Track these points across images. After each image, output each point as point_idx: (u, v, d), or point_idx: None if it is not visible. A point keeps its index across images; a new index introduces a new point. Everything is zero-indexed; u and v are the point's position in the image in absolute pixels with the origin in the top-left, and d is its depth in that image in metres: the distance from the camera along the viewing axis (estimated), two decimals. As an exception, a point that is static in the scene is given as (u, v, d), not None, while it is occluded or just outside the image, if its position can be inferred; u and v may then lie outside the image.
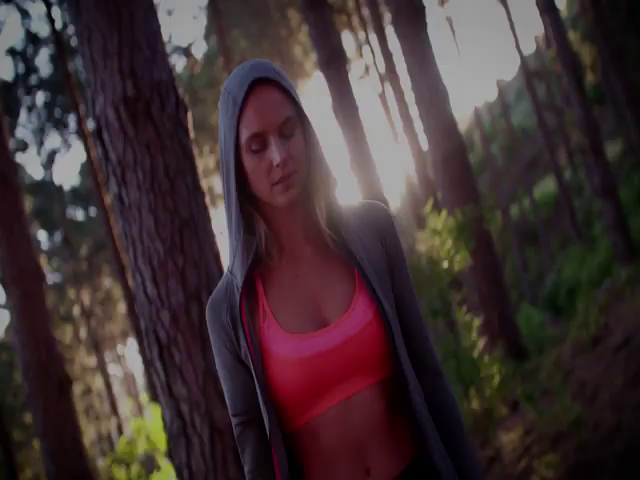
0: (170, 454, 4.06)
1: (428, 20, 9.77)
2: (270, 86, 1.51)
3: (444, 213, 5.81)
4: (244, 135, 1.49)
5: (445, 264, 5.43)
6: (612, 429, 4.52)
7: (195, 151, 4.48)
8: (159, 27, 4.56)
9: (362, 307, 1.53)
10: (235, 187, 1.53)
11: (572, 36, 21.21)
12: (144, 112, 4.23)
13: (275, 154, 1.47)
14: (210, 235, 4.15)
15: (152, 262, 4.00)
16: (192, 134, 4.50)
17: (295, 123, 1.53)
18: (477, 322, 5.61)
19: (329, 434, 1.51)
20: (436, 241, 5.56)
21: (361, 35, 28.26)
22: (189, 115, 4.53)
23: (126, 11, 4.36)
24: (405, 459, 1.56)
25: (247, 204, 1.58)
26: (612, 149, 25.54)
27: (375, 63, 25.10)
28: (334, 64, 10.73)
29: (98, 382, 33.50)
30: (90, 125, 21.41)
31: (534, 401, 5.37)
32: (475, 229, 8.21)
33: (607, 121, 29.74)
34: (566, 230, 28.28)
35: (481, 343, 5.49)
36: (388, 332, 1.51)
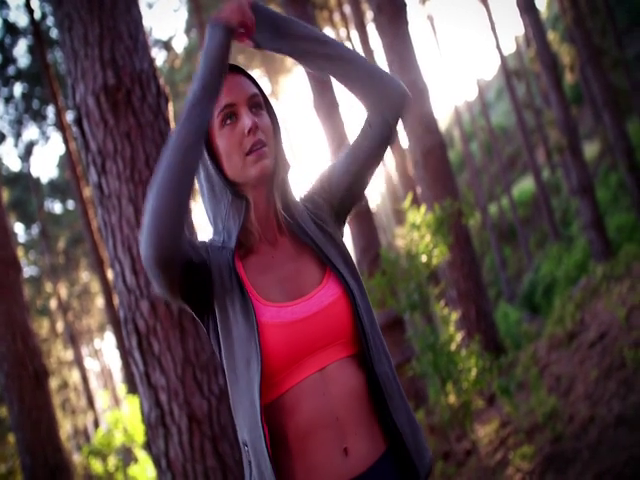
0: (148, 444, 4.04)
1: (409, 19, 9.80)
2: (237, 73, 1.65)
3: (423, 208, 5.84)
4: (215, 112, 1.58)
5: (424, 258, 5.46)
6: (586, 421, 4.57)
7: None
8: (141, 17, 4.55)
9: (333, 283, 1.61)
10: (211, 163, 1.60)
11: (552, 36, 21.35)
12: (125, 101, 4.22)
13: (246, 121, 1.57)
14: (190, 225, 4.15)
15: (132, 251, 4.00)
16: (173, 124, 4.50)
17: (262, 104, 1.65)
18: (455, 316, 5.64)
19: (306, 408, 1.52)
20: (415, 235, 5.59)
21: (342, 32, 28.26)
22: (170, 105, 4.53)
23: (108, 0, 4.34)
24: (380, 447, 1.59)
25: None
26: (589, 149, 25.78)
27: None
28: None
29: (75, 376, 33.30)
30: (69, 117, 21.30)
31: (510, 394, 5.41)
32: (454, 224, 8.27)
33: (585, 121, 29.98)
34: (544, 229, 28.49)
35: (459, 337, 5.52)
36: (355, 308, 1.58)
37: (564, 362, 6.34)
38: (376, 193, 40.54)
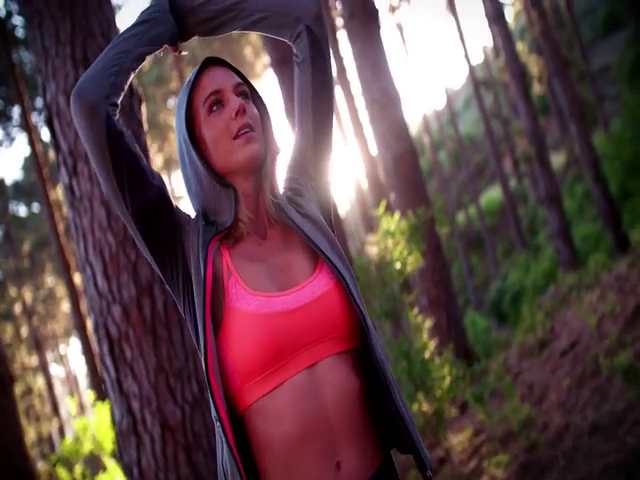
0: (118, 453, 3.95)
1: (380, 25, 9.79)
2: (222, 65, 1.62)
3: (397, 214, 5.81)
4: (201, 98, 1.56)
5: (397, 265, 5.43)
6: (561, 429, 4.56)
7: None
8: (113, 15, 4.47)
9: (326, 274, 1.53)
10: (196, 156, 1.54)
11: (520, 47, 21.57)
12: (98, 102, 4.14)
13: (233, 103, 1.55)
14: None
15: (103, 255, 3.92)
16: (146, 127, 4.42)
17: (248, 94, 1.62)
18: (428, 324, 5.62)
19: (296, 412, 1.41)
20: (389, 242, 5.56)
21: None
22: (143, 107, 4.45)
23: (80, -2, 4.26)
24: (374, 462, 1.50)
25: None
26: (556, 159, 26.04)
27: (326, 67, 25.09)
28: (286, 64, 10.71)
29: (39, 382, 32.85)
30: (35, 118, 21.05)
31: (483, 403, 5.40)
32: (426, 231, 8.27)
33: (552, 132, 30.31)
34: (511, 237, 28.73)
35: (432, 345, 5.50)
36: (350, 299, 1.49)
37: (536, 370, 6.35)
38: (345, 200, 40.59)
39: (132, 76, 1.55)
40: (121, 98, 1.51)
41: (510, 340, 11.28)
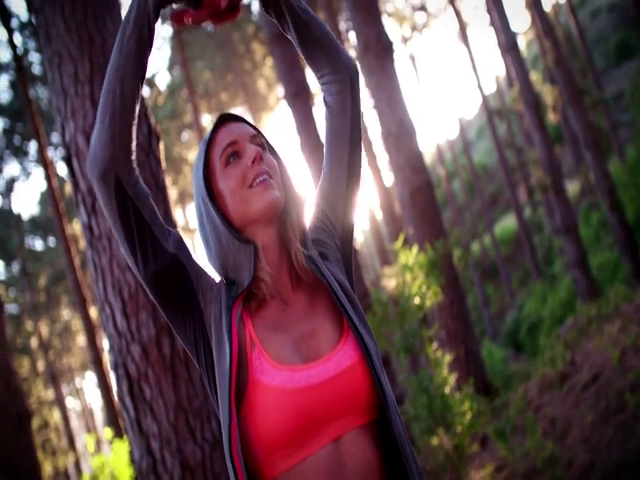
0: (137, 493, 3.90)
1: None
2: (236, 121, 1.61)
3: (415, 248, 5.78)
4: (217, 153, 1.55)
5: (416, 300, 5.40)
6: (586, 467, 4.49)
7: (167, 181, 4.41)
8: (132, 55, 4.49)
9: (351, 344, 1.48)
10: (215, 211, 1.52)
11: (534, 77, 21.63)
12: (116, 141, 4.15)
13: (249, 152, 1.53)
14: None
15: (122, 294, 3.90)
16: (164, 164, 4.43)
17: (264, 145, 1.61)
18: (448, 359, 5.57)
19: None
20: (407, 277, 5.52)
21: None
22: (161, 144, 4.46)
23: (98, 37, 4.30)
24: None
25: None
26: (571, 188, 25.98)
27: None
28: (300, 98, 10.78)
29: (55, 416, 32.77)
30: (51, 153, 21.23)
31: (506, 438, 5.33)
32: (444, 265, 8.23)
33: (566, 160, 30.26)
34: (526, 267, 28.57)
35: (452, 380, 5.44)
36: (374, 373, 1.45)
37: (557, 404, 6.26)
38: (359, 231, 40.61)
39: (137, 104, 1.52)
40: (133, 138, 1.49)
41: (529, 371, 11.16)
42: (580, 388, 6.13)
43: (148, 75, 1.63)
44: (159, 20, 1.55)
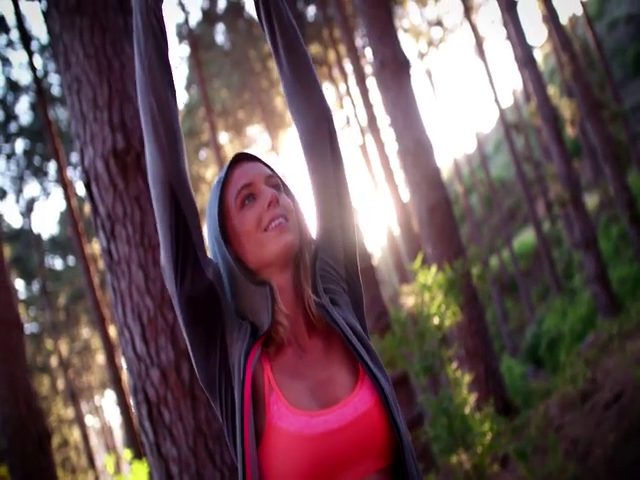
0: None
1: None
2: (252, 161, 1.61)
3: (434, 268, 5.77)
4: (232, 193, 1.54)
5: (436, 320, 5.37)
6: (609, 489, 4.44)
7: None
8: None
9: (367, 388, 1.48)
10: (229, 254, 1.52)
11: (552, 90, 21.58)
12: (134, 165, 4.18)
13: (265, 195, 1.53)
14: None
15: (142, 318, 3.91)
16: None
17: (280, 186, 1.60)
18: (467, 378, 5.53)
19: None
20: (426, 296, 5.50)
21: (342, 87, 28.58)
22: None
23: (117, 63, 4.33)
24: None
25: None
26: (589, 201, 25.85)
27: (356, 114, 25.32)
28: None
29: (75, 434, 32.84)
30: (70, 173, 21.40)
31: (526, 459, 5.28)
32: (462, 284, 8.19)
33: (584, 173, 30.12)
34: (545, 281, 28.39)
35: (472, 400, 5.41)
36: (391, 417, 1.44)
37: (579, 424, 6.20)
38: (377, 247, 40.55)
39: (177, 119, 1.55)
40: (183, 148, 1.53)
41: (549, 388, 11.08)
42: (602, 407, 6.07)
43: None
44: (176, 40, 1.58)
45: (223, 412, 1.49)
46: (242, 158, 1.61)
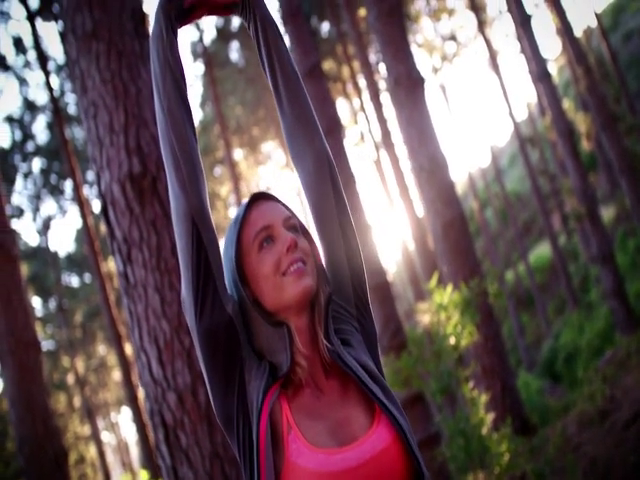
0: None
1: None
2: (269, 200, 1.63)
3: (449, 288, 5.75)
4: (251, 234, 1.55)
5: (452, 340, 5.36)
6: (629, 512, 4.40)
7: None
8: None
9: (384, 426, 1.48)
10: (247, 295, 1.53)
11: (567, 104, 21.53)
12: (150, 189, 4.21)
13: (284, 238, 1.53)
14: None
15: (158, 342, 3.93)
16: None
17: (298, 227, 1.61)
18: (484, 398, 5.51)
19: None
20: (442, 316, 5.49)
21: (355, 102, 28.65)
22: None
23: (133, 87, 4.37)
24: None
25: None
26: (606, 214, 25.71)
27: (370, 130, 25.36)
28: (333, 134, 10.81)
29: (91, 451, 32.88)
30: (86, 191, 21.54)
31: (544, 478, 5.24)
32: (479, 302, 8.16)
33: (600, 186, 29.99)
34: (562, 295, 28.21)
35: (489, 419, 5.38)
36: (409, 451, 1.45)
37: (597, 443, 6.15)
38: (392, 262, 40.48)
39: (197, 152, 1.59)
40: (204, 180, 1.57)
41: (566, 404, 11.00)
42: (621, 426, 6.02)
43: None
44: (191, 58, 1.62)
45: (240, 449, 1.50)
46: (260, 197, 1.62)
